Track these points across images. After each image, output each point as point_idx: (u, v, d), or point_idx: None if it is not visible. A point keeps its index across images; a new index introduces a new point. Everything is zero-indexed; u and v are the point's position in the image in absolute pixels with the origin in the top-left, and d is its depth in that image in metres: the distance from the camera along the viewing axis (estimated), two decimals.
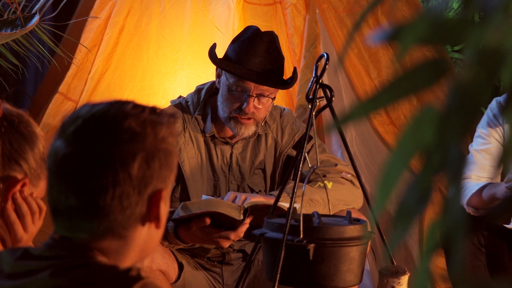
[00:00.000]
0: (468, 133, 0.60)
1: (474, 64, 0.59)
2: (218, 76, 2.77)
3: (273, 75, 2.68)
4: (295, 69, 2.80)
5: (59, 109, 3.35)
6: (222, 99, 2.72)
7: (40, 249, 1.22)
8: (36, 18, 2.83)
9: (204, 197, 2.61)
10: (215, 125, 2.78)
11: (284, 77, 2.77)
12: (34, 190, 1.49)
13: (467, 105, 0.58)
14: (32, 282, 1.17)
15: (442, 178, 0.61)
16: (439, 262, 3.25)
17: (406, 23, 0.60)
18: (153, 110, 1.23)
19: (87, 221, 1.19)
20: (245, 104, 2.67)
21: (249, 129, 2.72)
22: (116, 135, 1.18)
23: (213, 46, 2.78)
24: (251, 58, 2.67)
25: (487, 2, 0.61)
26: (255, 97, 2.67)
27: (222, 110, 2.72)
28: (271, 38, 2.71)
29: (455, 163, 0.59)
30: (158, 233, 1.25)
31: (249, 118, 2.70)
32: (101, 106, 1.22)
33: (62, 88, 3.37)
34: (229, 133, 2.78)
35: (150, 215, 1.21)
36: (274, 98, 2.75)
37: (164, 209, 1.23)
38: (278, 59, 2.71)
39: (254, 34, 2.71)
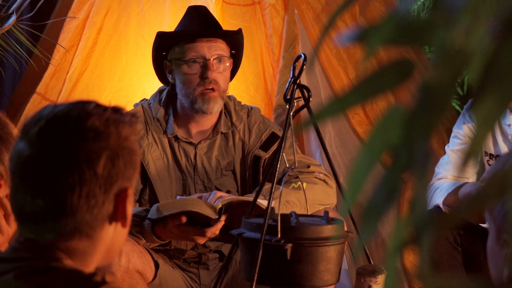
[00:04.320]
0: (434, 132, 0.61)
1: (439, 64, 0.60)
2: (170, 71, 2.78)
3: (214, 28, 2.78)
4: (239, 29, 2.86)
5: (37, 109, 3.29)
6: (182, 83, 2.72)
7: (6, 252, 1.22)
8: (13, 18, 2.82)
9: (178, 197, 2.61)
10: (178, 125, 2.77)
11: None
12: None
13: (432, 105, 0.59)
14: None
15: (409, 176, 0.62)
16: (415, 260, 3.26)
17: (373, 24, 0.61)
18: (115, 109, 1.23)
19: (54, 221, 1.19)
20: (206, 72, 2.69)
21: (217, 103, 2.71)
22: (80, 134, 1.19)
23: (156, 36, 2.81)
24: (189, 24, 2.77)
25: (453, 3, 0.62)
26: (212, 60, 2.70)
27: (186, 94, 2.72)
28: (206, 10, 2.82)
29: (421, 162, 0.60)
30: (124, 232, 1.25)
31: (212, 89, 2.70)
32: (63, 106, 1.22)
33: (40, 88, 3.36)
34: (192, 132, 2.77)
35: (117, 214, 1.22)
36: (231, 67, 2.79)
37: (130, 207, 1.24)
38: (215, 20, 2.82)
39: (188, 9, 2.83)
